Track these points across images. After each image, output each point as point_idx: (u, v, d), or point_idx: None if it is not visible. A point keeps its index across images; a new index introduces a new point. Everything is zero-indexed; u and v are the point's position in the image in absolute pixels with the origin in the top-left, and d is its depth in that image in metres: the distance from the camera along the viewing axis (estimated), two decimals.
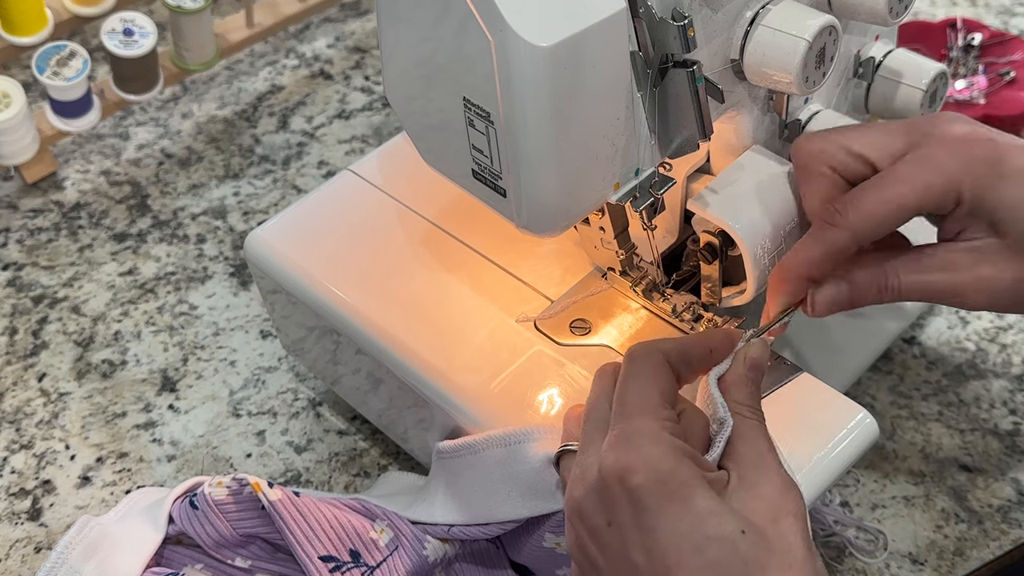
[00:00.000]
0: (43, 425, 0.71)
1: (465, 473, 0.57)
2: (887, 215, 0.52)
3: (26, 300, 0.79)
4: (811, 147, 0.55)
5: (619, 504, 0.45)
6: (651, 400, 0.47)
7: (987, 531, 0.65)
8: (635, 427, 0.46)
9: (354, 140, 0.91)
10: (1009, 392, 0.72)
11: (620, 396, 0.48)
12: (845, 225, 0.52)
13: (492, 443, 0.55)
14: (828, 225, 0.53)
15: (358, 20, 1.02)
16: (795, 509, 0.45)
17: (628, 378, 0.49)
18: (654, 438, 0.45)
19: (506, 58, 0.46)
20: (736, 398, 0.49)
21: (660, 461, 0.44)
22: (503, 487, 0.55)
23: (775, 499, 0.45)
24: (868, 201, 0.52)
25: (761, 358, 0.51)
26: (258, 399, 0.73)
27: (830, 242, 0.53)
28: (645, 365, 0.49)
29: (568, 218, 0.53)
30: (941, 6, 1.02)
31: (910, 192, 0.52)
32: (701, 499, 0.44)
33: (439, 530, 0.57)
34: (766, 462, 0.46)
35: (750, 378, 0.50)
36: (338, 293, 0.62)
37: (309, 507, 0.57)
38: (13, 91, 0.80)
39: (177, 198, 0.86)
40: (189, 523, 0.57)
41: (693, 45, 0.49)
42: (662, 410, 0.47)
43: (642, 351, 0.50)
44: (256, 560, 0.59)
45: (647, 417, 0.46)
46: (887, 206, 0.52)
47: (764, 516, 0.44)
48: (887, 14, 0.55)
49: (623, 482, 0.44)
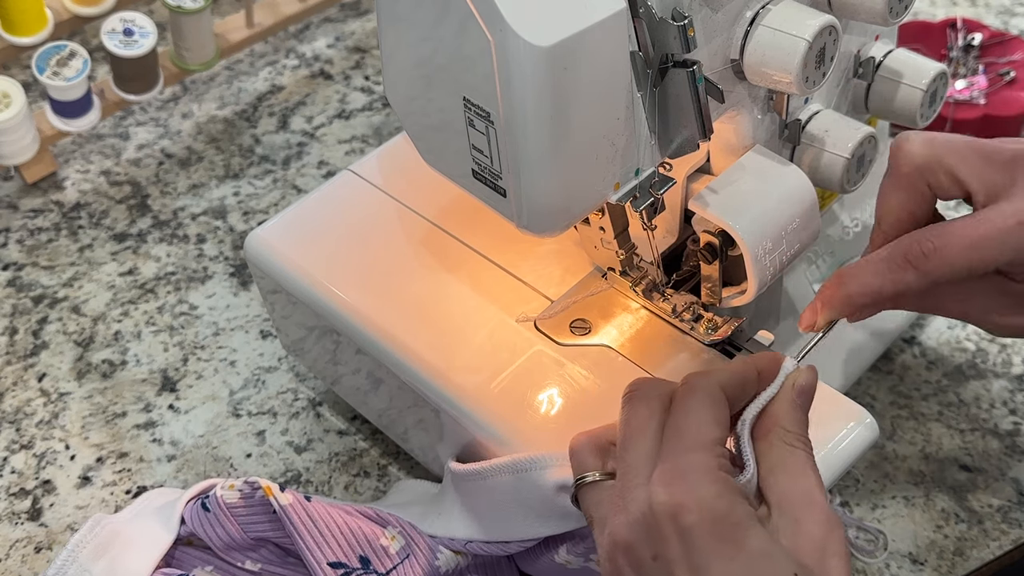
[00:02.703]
0: (43, 425, 0.71)
1: (477, 495, 0.56)
2: (970, 272, 0.51)
3: (26, 300, 0.79)
4: (915, 156, 0.53)
5: (668, 540, 0.43)
6: (709, 435, 0.46)
7: (987, 531, 0.65)
8: (690, 462, 0.44)
9: (354, 140, 0.91)
10: (1009, 392, 0.72)
11: (676, 428, 0.46)
12: (926, 272, 0.51)
13: (499, 470, 0.54)
14: (908, 265, 0.51)
15: (358, 20, 1.02)
16: (840, 550, 0.44)
17: (687, 412, 0.47)
18: (711, 476, 0.44)
19: (506, 58, 0.46)
20: (785, 426, 0.47)
21: (715, 500, 0.43)
22: (516, 510, 0.55)
23: (821, 538, 0.44)
24: (955, 255, 0.50)
25: (810, 385, 0.49)
26: (258, 399, 0.73)
27: (904, 284, 0.51)
28: (705, 399, 0.47)
29: (568, 218, 0.53)
30: (941, 6, 1.02)
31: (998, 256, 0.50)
32: (755, 540, 0.43)
33: (457, 544, 0.57)
34: (813, 499, 0.45)
35: (798, 405, 0.48)
36: (338, 293, 0.62)
37: (320, 512, 0.56)
38: (13, 91, 0.80)
39: (177, 198, 0.86)
40: (200, 525, 0.57)
41: (693, 45, 0.49)
42: (718, 446, 0.46)
43: (702, 384, 0.48)
44: (266, 564, 0.59)
45: (704, 453, 0.45)
46: (971, 264, 0.50)
47: (811, 556, 0.43)
48: (887, 14, 0.55)
49: (675, 519, 0.43)
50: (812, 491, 0.45)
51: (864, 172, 0.61)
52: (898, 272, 0.51)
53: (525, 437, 0.56)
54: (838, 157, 0.60)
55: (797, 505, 0.45)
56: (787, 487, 0.45)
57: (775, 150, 0.60)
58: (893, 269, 0.52)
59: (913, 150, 0.54)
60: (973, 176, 0.52)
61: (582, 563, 0.55)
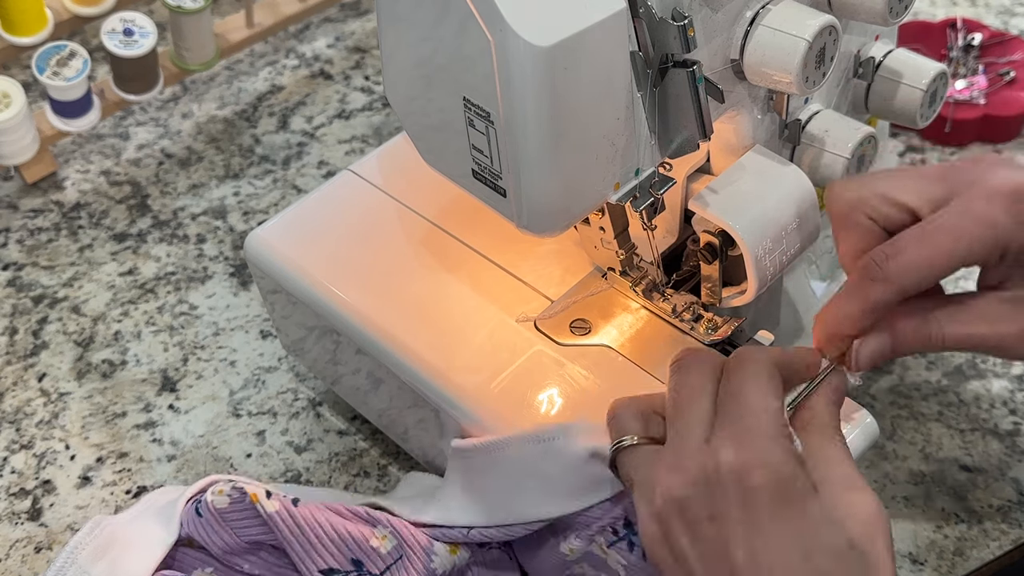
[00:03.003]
0: (43, 425, 0.71)
1: (488, 472, 0.56)
2: (931, 269, 0.50)
3: (26, 300, 0.79)
4: (848, 195, 0.53)
5: (729, 500, 0.44)
6: (771, 403, 0.46)
7: (987, 531, 0.65)
8: (758, 424, 0.45)
9: (354, 140, 0.91)
10: (1009, 392, 0.72)
11: (735, 395, 0.47)
12: (887, 279, 0.50)
13: (522, 440, 0.54)
14: (868, 280, 0.51)
15: (358, 20, 1.02)
16: (886, 530, 0.45)
17: (745, 379, 0.48)
18: (779, 440, 0.45)
19: (506, 58, 0.46)
20: (824, 419, 0.49)
21: (783, 465, 0.44)
22: (532, 484, 0.54)
23: (871, 520, 0.45)
24: (911, 254, 0.50)
25: (842, 385, 0.51)
26: (258, 399, 0.73)
27: (872, 298, 0.51)
28: (762, 370, 0.48)
29: (568, 218, 0.53)
30: (941, 6, 1.02)
31: (955, 246, 0.50)
32: (815, 507, 0.43)
33: (457, 533, 0.56)
34: (857, 484, 0.46)
35: (834, 401, 0.50)
36: (338, 293, 0.62)
37: (307, 518, 0.55)
38: (13, 91, 0.80)
39: (177, 198, 0.86)
40: (195, 529, 0.57)
41: (693, 45, 0.49)
42: (779, 415, 0.46)
43: (759, 357, 0.49)
44: (264, 569, 0.58)
45: (769, 417, 0.46)
46: (931, 260, 0.50)
47: (863, 535, 0.44)
48: (887, 14, 0.55)
49: (741, 479, 0.44)
50: (854, 477, 0.46)
51: (864, 172, 0.61)
52: (864, 289, 0.51)
53: None
54: (838, 157, 0.60)
55: (841, 489, 0.45)
56: (828, 473, 0.46)
57: (775, 150, 0.60)
58: (859, 288, 0.51)
59: (841, 191, 0.54)
60: (909, 193, 0.52)
61: (585, 547, 0.55)
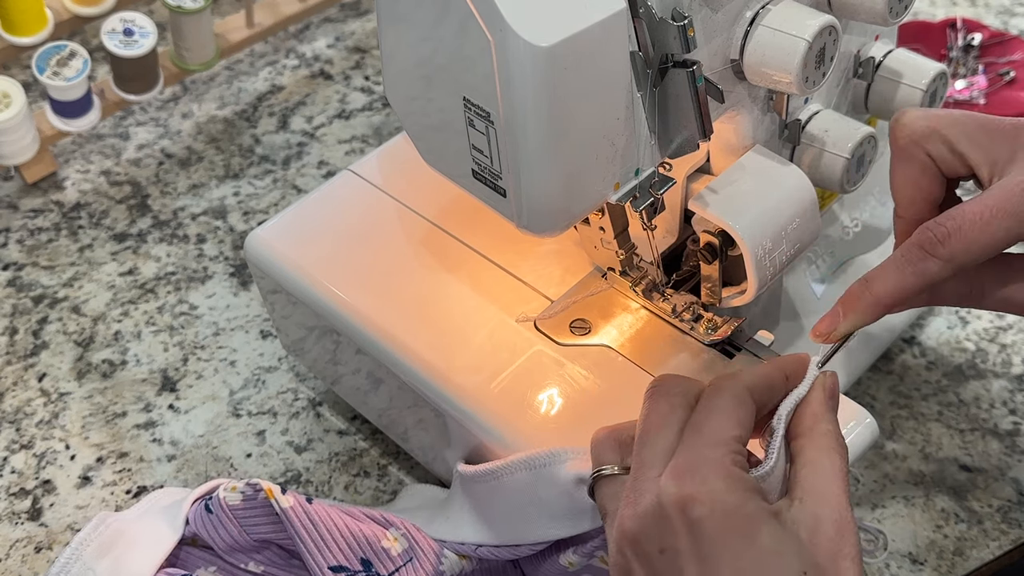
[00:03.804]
0: (43, 425, 0.71)
1: (492, 497, 0.56)
2: (991, 249, 0.49)
3: (26, 300, 0.79)
4: (914, 129, 0.52)
5: (677, 533, 0.43)
6: (728, 433, 0.46)
7: (987, 531, 0.65)
8: (704, 457, 0.45)
9: (354, 140, 0.91)
10: (1009, 392, 0.72)
11: (696, 426, 0.47)
12: (946, 258, 0.50)
13: (515, 468, 0.54)
14: (927, 255, 0.50)
15: (358, 20, 1.02)
16: (853, 553, 0.44)
17: (710, 411, 0.47)
18: (723, 472, 0.44)
19: (506, 58, 0.46)
20: (826, 426, 0.47)
21: (726, 494, 0.43)
22: (532, 510, 0.54)
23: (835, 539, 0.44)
24: (972, 235, 0.49)
25: (836, 388, 0.50)
26: (258, 399, 0.73)
27: (929, 275, 0.50)
28: (730, 400, 0.47)
29: (568, 218, 0.53)
30: (941, 6, 1.02)
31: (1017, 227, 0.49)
32: (767, 536, 0.43)
33: (467, 548, 0.57)
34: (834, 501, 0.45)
35: (831, 407, 0.49)
36: (338, 293, 0.62)
37: (321, 515, 0.56)
38: (13, 91, 0.80)
39: (177, 198, 0.86)
40: (203, 527, 0.57)
41: (693, 45, 0.49)
42: (735, 444, 0.45)
43: (728, 385, 0.48)
44: (269, 566, 0.59)
45: (719, 449, 0.45)
46: (992, 241, 0.49)
47: (826, 555, 0.43)
48: (887, 14, 0.55)
49: (685, 512, 0.43)
50: (838, 494, 0.45)
51: (864, 172, 0.61)
52: (919, 263, 0.50)
53: (525, 437, 0.56)
54: (838, 157, 0.60)
55: (820, 503, 0.45)
56: (814, 484, 0.45)
57: (775, 150, 0.60)
58: (914, 262, 0.51)
59: (909, 122, 0.53)
60: (973, 148, 0.51)
61: (585, 562, 0.55)
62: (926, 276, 0.50)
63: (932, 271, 0.50)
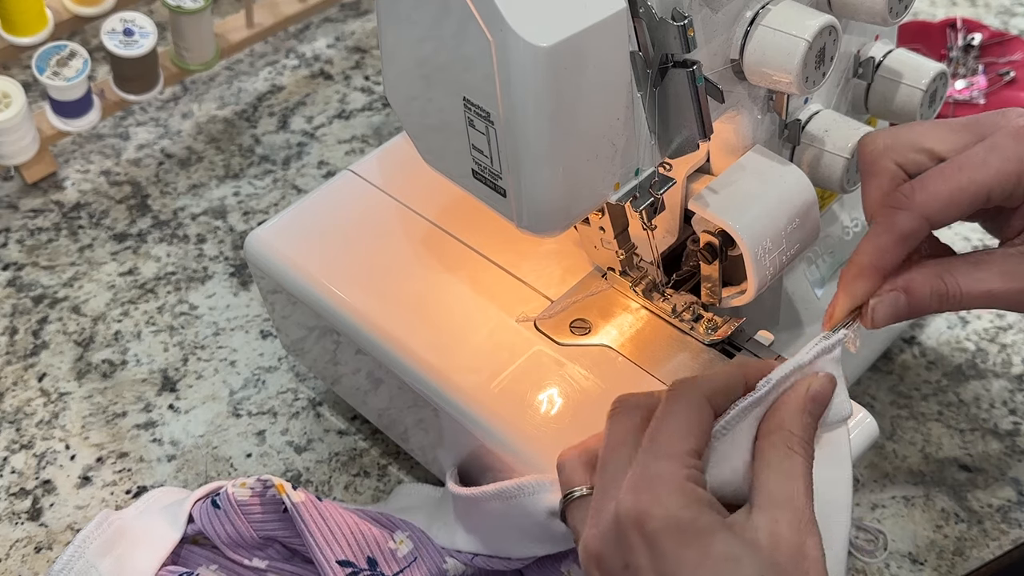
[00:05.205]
0: (43, 425, 0.71)
1: (477, 516, 0.57)
2: (958, 197, 0.50)
3: (26, 300, 0.79)
4: (877, 144, 0.54)
5: (636, 549, 0.44)
6: (682, 445, 0.46)
7: (987, 531, 0.65)
8: (658, 471, 0.45)
9: (354, 140, 0.91)
10: (1009, 392, 0.72)
11: (653, 434, 0.46)
12: (913, 207, 0.50)
13: (488, 497, 0.55)
14: (895, 209, 0.51)
15: (358, 20, 1.02)
16: (815, 555, 0.44)
17: (666, 417, 0.47)
18: (676, 486, 0.44)
19: (506, 58, 0.46)
20: (791, 429, 0.47)
21: (679, 509, 0.43)
22: (514, 533, 0.55)
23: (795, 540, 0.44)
24: (937, 183, 0.50)
25: (824, 392, 0.48)
26: (258, 399, 0.73)
27: (899, 227, 0.51)
28: (685, 407, 0.47)
29: (568, 218, 0.53)
30: (941, 6, 1.02)
31: (982, 176, 0.50)
32: (720, 544, 0.43)
33: (463, 557, 0.57)
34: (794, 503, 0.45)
35: (808, 411, 0.47)
36: (338, 293, 0.62)
37: (331, 512, 0.57)
38: (13, 91, 0.80)
39: (177, 198, 0.86)
40: (209, 522, 0.58)
41: (693, 45, 0.49)
42: (689, 458, 0.45)
43: (685, 392, 0.48)
44: (273, 562, 0.59)
45: (673, 462, 0.45)
46: (957, 188, 0.50)
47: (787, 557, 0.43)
48: (887, 14, 0.55)
49: (640, 527, 0.44)
50: (797, 496, 0.45)
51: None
52: (890, 219, 0.51)
53: (525, 437, 0.56)
54: (838, 157, 0.60)
55: (778, 506, 0.45)
56: (773, 488, 0.45)
57: (775, 150, 0.60)
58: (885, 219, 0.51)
59: (871, 140, 0.54)
60: (937, 140, 0.53)
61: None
62: (896, 229, 0.51)
63: (902, 223, 0.51)
